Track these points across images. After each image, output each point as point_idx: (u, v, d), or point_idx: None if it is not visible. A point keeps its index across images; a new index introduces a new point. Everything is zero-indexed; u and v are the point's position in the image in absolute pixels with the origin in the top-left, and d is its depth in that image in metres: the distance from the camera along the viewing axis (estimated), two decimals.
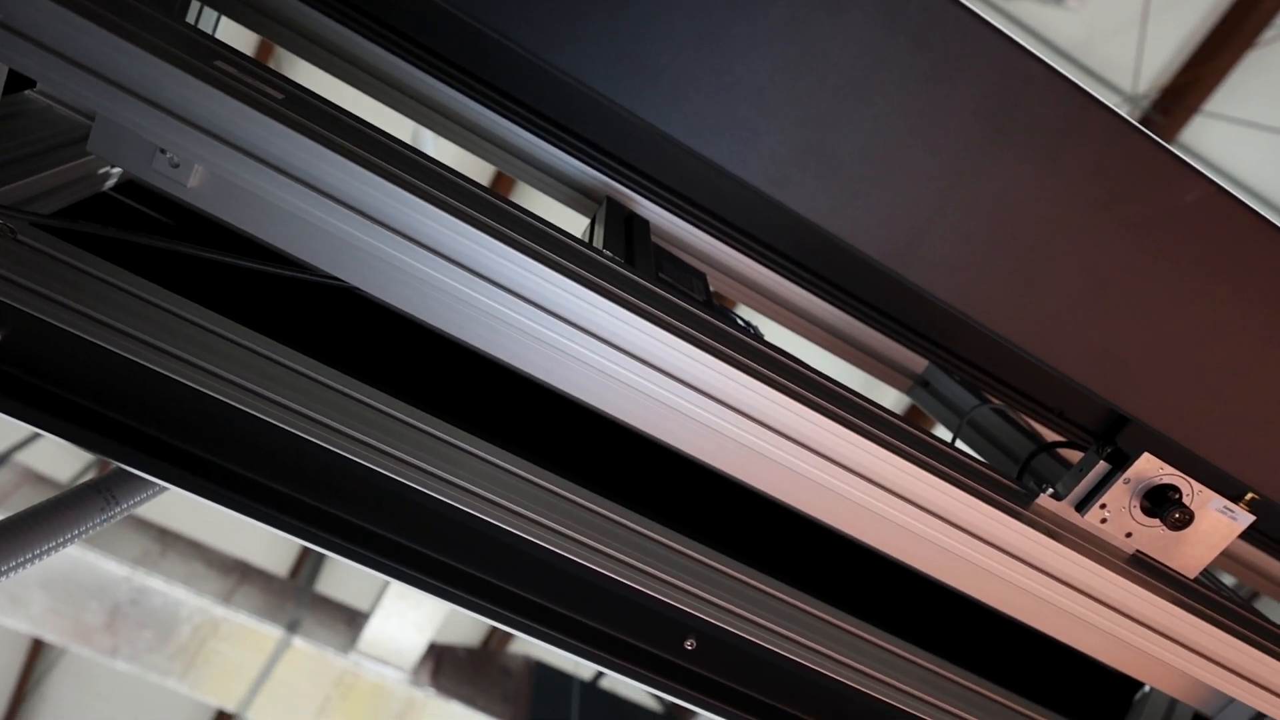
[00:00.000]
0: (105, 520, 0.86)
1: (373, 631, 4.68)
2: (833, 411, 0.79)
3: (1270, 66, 5.11)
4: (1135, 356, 0.71)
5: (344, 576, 6.21)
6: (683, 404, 0.73)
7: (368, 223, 0.70)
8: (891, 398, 4.68)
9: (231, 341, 0.79)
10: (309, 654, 4.62)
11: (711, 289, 1.12)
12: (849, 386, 0.88)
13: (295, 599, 4.74)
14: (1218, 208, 0.66)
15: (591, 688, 5.89)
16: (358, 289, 0.76)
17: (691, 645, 0.85)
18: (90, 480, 0.85)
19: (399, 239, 0.70)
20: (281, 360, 0.81)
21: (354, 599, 4.98)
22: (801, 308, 1.11)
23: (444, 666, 5.01)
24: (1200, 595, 0.90)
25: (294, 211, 0.70)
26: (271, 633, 4.42)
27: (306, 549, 6.35)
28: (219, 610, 4.28)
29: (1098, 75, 5.20)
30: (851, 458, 0.79)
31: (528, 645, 7.18)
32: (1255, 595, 2.73)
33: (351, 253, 0.72)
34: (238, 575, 4.51)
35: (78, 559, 3.85)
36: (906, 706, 0.97)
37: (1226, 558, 1.41)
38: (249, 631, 4.44)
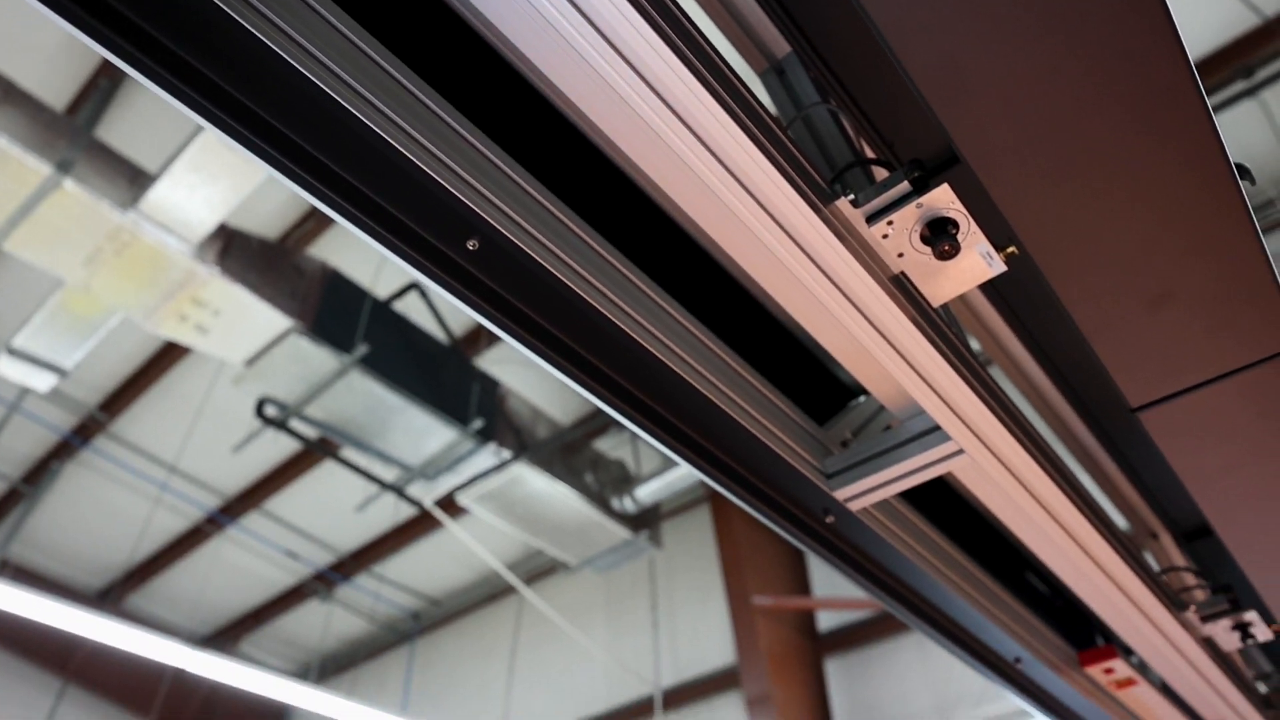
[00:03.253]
0: None
1: (158, 195, 4.40)
2: (684, 54, 0.74)
3: None
4: (981, 77, 0.71)
5: (129, 129, 5.65)
6: None
7: None
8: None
9: None
10: (81, 200, 4.30)
11: None
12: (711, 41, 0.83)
13: (70, 138, 4.30)
14: None
15: (383, 308, 6.01)
16: None
17: (474, 246, 0.85)
18: None
19: None
20: None
21: (140, 157, 4.57)
22: None
23: (233, 250, 4.87)
24: (933, 323, 1.01)
25: None
26: (37, 166, 4.02)
27: (87, 86, 5.64)
28: None
29: None
30: (684, 104, 0.77)
31: (325, 251, 7.08)
32: (989, 363, 3.16)
33: None
34: None
35: None
36: (666, 359, 1.05)
37: (978, 324, 1.59)
38: (9, 159, 4.02)
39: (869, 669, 8.37)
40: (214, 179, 4.37)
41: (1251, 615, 1.60)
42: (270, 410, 5.94)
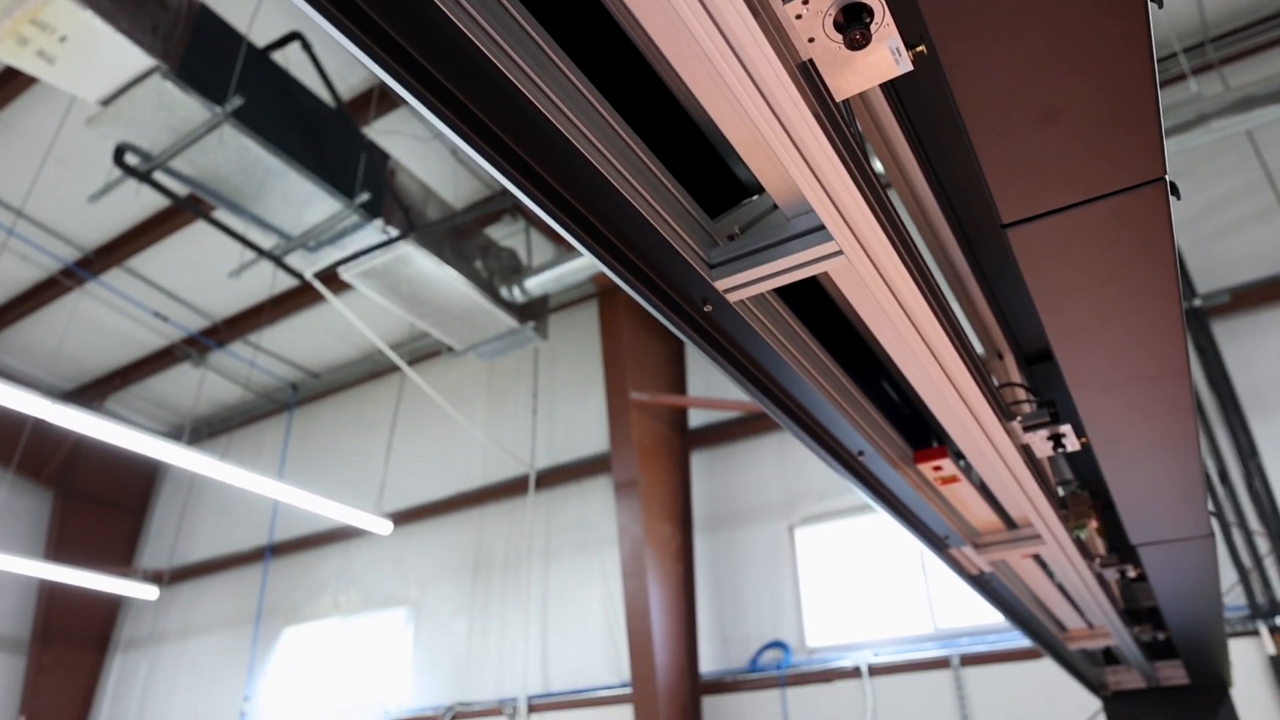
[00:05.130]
0: None
1: None
2: None
3: None
4: None
5: None
6: None
7: None
8: None
9: None
10: None
11: None
12: None
13: None
14: None
15: (261, 58, 5.48)
16: None
17: None
18: None
19: None
20: None
21: None
22: None
23: None
24: (833, 118, 1.00)
25: None
26: None
27: None
28: None
29: None
30: None
31: None
32: (889, 186, 3.20)
33: None
34: None
35: None
36: (562, 126, 1.01)
37: (880, 140, 1.58)
38: None
39: (730, 463, 9.07)
40: None
41: (1066, 428, 1.79)
42: (131, 159, 5.45)
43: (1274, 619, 6.12)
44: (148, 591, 10.26)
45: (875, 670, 7.44)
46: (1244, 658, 6.07)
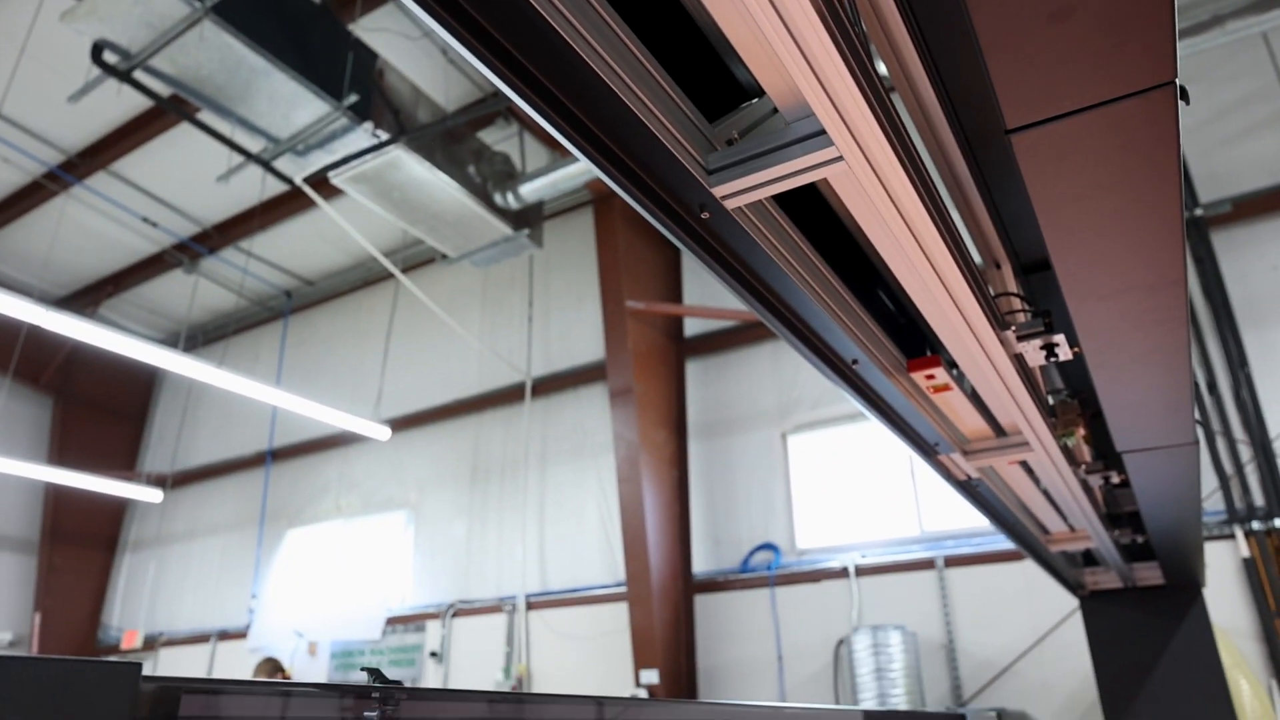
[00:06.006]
0: None
1: None
2: None
3: None
4: None
5: None
6: None
7: None
8: None
9: None
10: None
11: None
12: None
13: None
14: None
15: None
16: None
17: None
18: None
19: None
20: None
21: None
22: None
23: None
24: (837, 15, 0.96)
25: None
26: None
27: None
28: None
29: None
30: None
31: None
32: (892, 90, 3.11)
33: None
34: None
35: None
36: (559, 26, 0.97)
37: (886, 43, 1.53)
38: None
39: (725, 372, 9.14)
40: None
41: (1059, 338, 1.80)
42: (110, 58, 5.26)
43: (1250, 523, 6.31)
44: (152, 495, 10.46)
45: (862, 571, 7.70)
46: (1219, 559, 6.28)
